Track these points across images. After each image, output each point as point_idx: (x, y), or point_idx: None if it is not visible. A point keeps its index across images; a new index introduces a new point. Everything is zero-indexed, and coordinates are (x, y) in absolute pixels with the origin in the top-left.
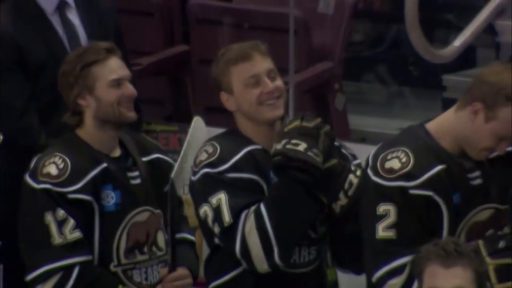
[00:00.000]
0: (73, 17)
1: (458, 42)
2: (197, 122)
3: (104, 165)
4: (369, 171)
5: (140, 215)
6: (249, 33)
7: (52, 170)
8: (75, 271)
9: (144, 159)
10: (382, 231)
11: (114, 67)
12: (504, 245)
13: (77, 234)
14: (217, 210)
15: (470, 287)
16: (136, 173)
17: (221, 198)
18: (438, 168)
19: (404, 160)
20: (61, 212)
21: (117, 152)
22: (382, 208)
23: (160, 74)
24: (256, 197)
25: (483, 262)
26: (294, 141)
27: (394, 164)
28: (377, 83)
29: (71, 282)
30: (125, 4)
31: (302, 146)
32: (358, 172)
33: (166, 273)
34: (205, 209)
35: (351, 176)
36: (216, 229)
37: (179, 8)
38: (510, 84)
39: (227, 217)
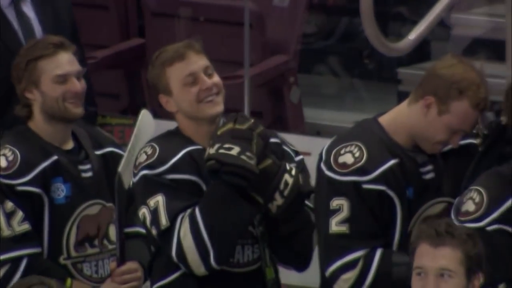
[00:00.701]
0: (28, 10)
1: (413, 35)
2: (144, 115)
3: (55, 157)
4: (323, 166)
5: (91, 208)
6: (205, 27)
7: (2, 162)
8: (23, 263)
9: (97, 152)
10: (336, 225)
11: (61, 62)
12: None
13: (25, 226)
14: (154, 213)
15: (457, 269)
16: (88, 166)
17: (158, 200)
18: (391, 162)
19: (357, 154)
20: (9, 204)
21: (69, 145)
22: (335, 202)
23: (115, 67)
24: (194, 199)
25: (476, 245)
26: (227, 145)
27: (348, 158)
28: (329, 76)
29: (18, 274)
30: None
31: (235, 150)
32: (294, 172)
33: (115, 267)
34: (144, 212)
35: (286, 176)
36: (154, 232)
37: (135, 1)
38: (463, 78)
39: (164, 220)
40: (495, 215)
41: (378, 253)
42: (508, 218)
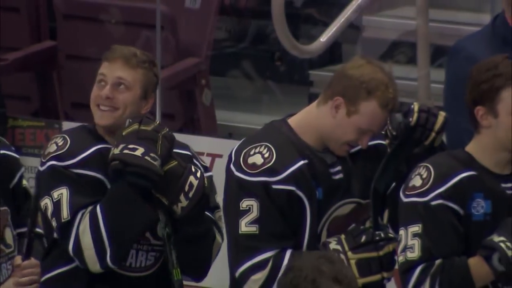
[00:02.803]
0: None
1: (324, 37)
2: None
3: None
4: (232, 167)
5: None
6: (116, 29)
7: None
8: None
9: None
10: (245, 226)
11: None
12: (366, 239)
13: None
14: (57, 205)
15: None
16: None
17: (62, 193)
18: (300, 163)
19: (266, 155)
20: None
21: None
22: (245, 203)
23: (26, 69)
24: (98, 197)
25: None
26: (131, 145)
27: (257, 159)
28: (243, 79)
29: None
30: None
31: (139, 151)
32: (199, 174)
33: (20, 261)
34: (46, 202)
35: (191, 178)
36: (54, 223)
37: (46, 3)
38: (371, 78)
39: (65, 213)
40: (440, 190)
41: (288, 253)
42: (453, 195)
